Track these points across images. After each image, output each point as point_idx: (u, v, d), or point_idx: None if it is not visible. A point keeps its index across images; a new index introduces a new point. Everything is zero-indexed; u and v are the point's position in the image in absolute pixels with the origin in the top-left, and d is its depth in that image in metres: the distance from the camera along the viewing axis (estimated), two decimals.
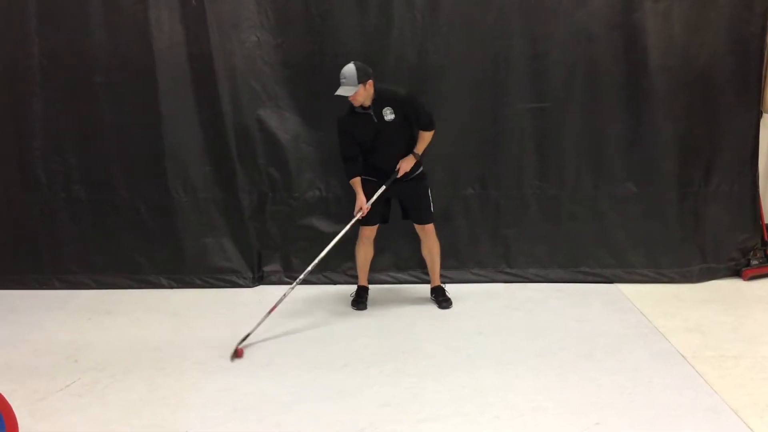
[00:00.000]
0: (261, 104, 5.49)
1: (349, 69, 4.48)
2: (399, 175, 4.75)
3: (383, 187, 4.73)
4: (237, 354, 4.14)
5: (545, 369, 3.88)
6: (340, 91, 4.49)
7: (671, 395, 3.51)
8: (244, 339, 4.29)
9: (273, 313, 4.47)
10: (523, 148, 5.48)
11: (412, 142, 4.79)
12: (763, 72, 5.47)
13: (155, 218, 5.60)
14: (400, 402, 3.50)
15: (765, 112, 5.57)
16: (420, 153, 4.80)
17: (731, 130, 5.45)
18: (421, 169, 4.89)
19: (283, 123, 5.52)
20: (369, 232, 4.93)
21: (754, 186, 5.61)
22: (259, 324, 4.39)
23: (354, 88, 4.47)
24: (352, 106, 4.64)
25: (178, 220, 5.58)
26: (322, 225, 5.59)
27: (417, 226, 4.96)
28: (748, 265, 5.59)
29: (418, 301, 5.16)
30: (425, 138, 4.78)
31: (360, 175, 4.79)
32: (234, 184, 5.55)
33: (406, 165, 4.75)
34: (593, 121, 5.42)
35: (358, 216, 4.74)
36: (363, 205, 4.71)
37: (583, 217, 5.55)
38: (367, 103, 4.60)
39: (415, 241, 5.08)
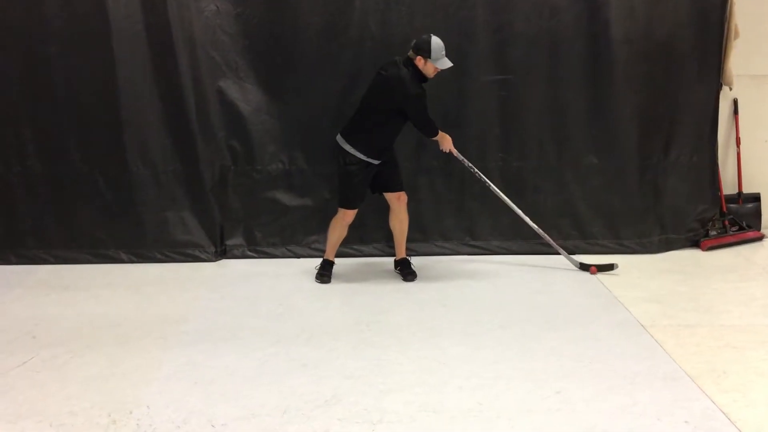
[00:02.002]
0: (221, 75, 5.40)
1: (442, 43, 4.57)
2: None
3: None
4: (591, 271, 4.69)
5: (507, 340, 3.92)
6: (450, 64, 4.63)
7: (630, 363, 3.57)
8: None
9: (236, 287, 4.43)
10: (487, 120, 5.49)
11: None
12: (723, 44, 5.53)
13: (114, 192, 5.49)
14: (364, 373, 3.50)
15: (725, 85, 5.65)
16: None
17: (691, 103, 5.52)
18: None
19: (245, 94, 5.44)
20: (351, 217, 4.90)
21: (713, 158, 5.71)
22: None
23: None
24: (420, 79, 4.63)
25: (138, 193, 5.49)
26: (285, 198, 5.56)
27: (392, 195, 4.92)
28: (706, 235, 5.70)
29: (382, 273, 5.17)
30: None
31: None
32: (195, 157, 5.46)
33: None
34: (556, 94, 5.45)
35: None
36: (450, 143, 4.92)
37: (545, 190, 5.59)
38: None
39: (379, 214, 5.07)
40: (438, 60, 4.55)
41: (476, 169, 5.01)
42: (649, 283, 4.85)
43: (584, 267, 5.10)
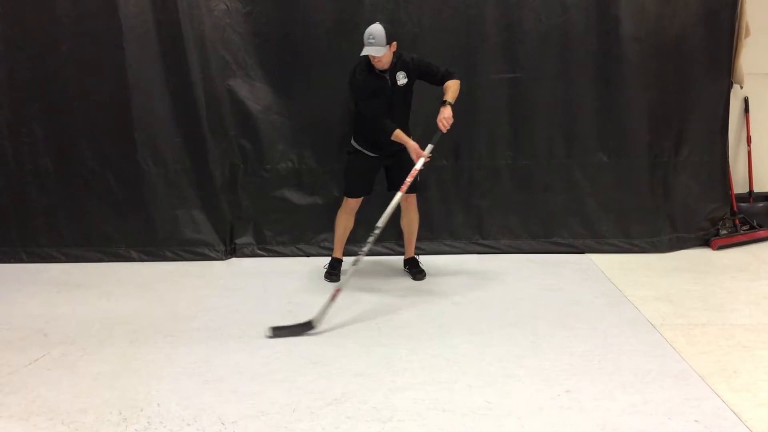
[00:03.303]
0: (231, 74, 5.41)
1: (378, 29, 4.31)
2: (445, 130, 4.46)
3: (430, 146, 4.44)
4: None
5: (517, 338, 3.92)
6: (370, 51, 4.32)
7: (640, 362, 3.56)
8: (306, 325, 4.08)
9: (246, 285, 4.45)
10: (496, 118, 5.48)
11: (409, 111, 4.73)
12: (734, 42, 5.50)
13: (125, 190, 5.52)
14: (374, 371, 3.51)
15: (735, 83, 5.62)
16: (452, 101, 4.51)
17: (702, 101, 5.50)
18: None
19: (254, 93, 5.45)
20: (355, 204, 4.87)
21: (723, 156, 5.68)
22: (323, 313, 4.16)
23: (383, 49, 4.32)
24: (368, 68, 4.48)
25: (149, 191, 5.51)
26: (295, 197, 5.57)
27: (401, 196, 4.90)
28: (717, 234, 5.67)
29: (392, 272, 5.17)
30: (453, 87, 4.55)
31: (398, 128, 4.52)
32: (205, 156, 5.47)
33: (448, 115, 4.44)
34: (565, 91, 5.43)
35: (424, 161, 4.42)
36: (420, 151, 4.43)
37: (555, 188, 5.57)
38: (387, 66, 4.48)
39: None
40: (365, 47, 4.38)
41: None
42: (659, 282, 4.83)
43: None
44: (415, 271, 5.04)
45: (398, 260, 5.25)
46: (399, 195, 4.44)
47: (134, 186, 5.50)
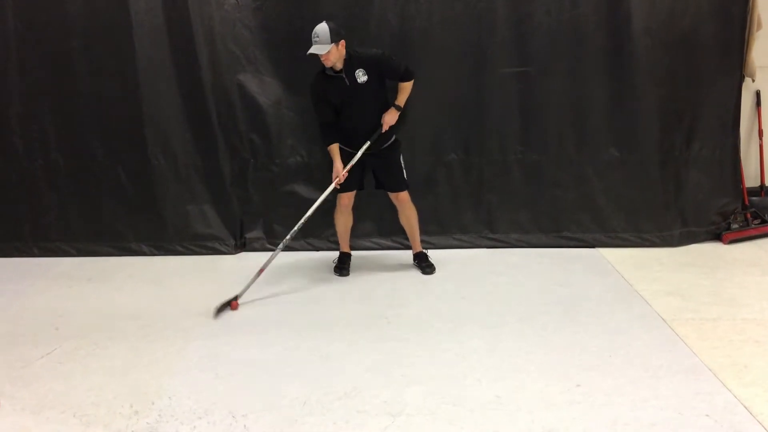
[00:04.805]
0: (241, 69, 5.42)
1: (322, 28, 4.37)
2: (384, 130, 4.67)
3: (367, 143, 4.65)
4: (231, 306, 4.28)
5: (527, 332, 3.91)
6: (314, 50, 4.38)
7: (651, 357, 3.55)
8: (234, 298, 4.38)
9: (258, 279, 4.47)
10: (506, 113, 5.46)
11: (386, 106, 4.73)
12: (746, 36, 5.47)
13: (135, 185, 5.55)
14: (384, 366, 3.51)
15: (747, 76, 5.58)
16: (402, 105, 4.70)
17: (713, 95, 5.46)
18: (394, 137, 4.84)
19: (264, 88, 5.46)
20: (347, 200, 4.90)
21: (735, 150, 5.64)
22: (246, 288, 4.46)
23: (327, 47, 4.36)
24: (323, 70, 4.56)
25: (159, 187, 5.54)
26: (305, 191, 5.57)
27: (391, 195, 4.93)
28: (728, 228, 5.63)
29: (401, 266, 5.17)
30: (405, 89, 4.68)
31: (337, 142, 4.71)
32: (215, 151, 5.50)
33: (390, 118, 4.66)
34: (576, 86, 5.40)
35: (335, 184, 4.67)
36: (340, 172, 4.64)
37: (565, 183, 5.55)
38: (339, 65, 4.51)
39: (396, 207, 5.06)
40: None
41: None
42: (670, 277, 4.81)
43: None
44: (424, 265, 5.04)
45: (407, 254, 5.24)
46: (326, 191, 4.67)
47: (145, 181, 5.53)
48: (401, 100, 4.70)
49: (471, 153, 5.53)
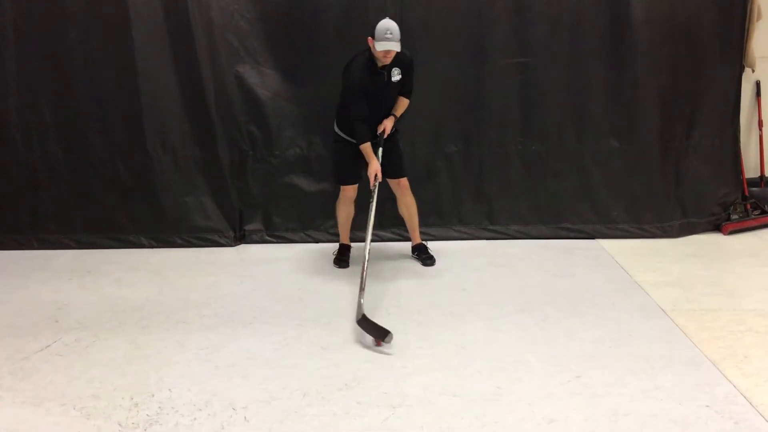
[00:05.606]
0: (239, 60, 5.39)
1: (394, 25, 4.28)
2: (386, 135, 4.64)
3: (380, 150, 4.60)
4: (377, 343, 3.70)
5: (527, 324, 3.91)
6: (390, 46, 4.27)
7: (651, 348, 3.55)
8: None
9: (256, 272, 4.46)
10: (507, 103, 5.45)
11: (395, 102, 4.72)
12: (746, 26, 5.45)
13: (134, 177, 5.52)
14: (384, 358, 3.52)
15: (747, 66, 5.57)
16: (398, 116, 4.73)
17: (713, 85, 5.45)
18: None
19: (263, 79, 5.44)
20: (351, 192, 4.88)
21: (735, 140, 5.64)
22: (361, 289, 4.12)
23: (399, 45, 4.31)
24: (367, 65, 4.46)
25: (158, 178, 5.51)
26: (304, 183, 5.56)
27: (392, 182, 4.90)
28: (728, 219, 5.63)
29: (401, 258, 5.16)
30: (404, 104, 4.73)
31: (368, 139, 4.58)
32: (214, 142, 5.47)
33: (390, 125, 4.65)
34: (576, 76, 5.39)
35: (373, 182, 4.52)
36: (378, 170, 4.53)
37: (565, 173, 5.55)
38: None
39: (396, 198, 5.05)
40: (379, 41, 4.30)
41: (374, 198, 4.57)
42: (670, 268, 4.81)
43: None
44: (424, 257, 5.03)
45: (407, 246, 5.22)
46: (374, 195, 4.52)
47: (144, 173, 5.51)
48: (398, 111, 4.73)
49: (471, 144, 5.52)
